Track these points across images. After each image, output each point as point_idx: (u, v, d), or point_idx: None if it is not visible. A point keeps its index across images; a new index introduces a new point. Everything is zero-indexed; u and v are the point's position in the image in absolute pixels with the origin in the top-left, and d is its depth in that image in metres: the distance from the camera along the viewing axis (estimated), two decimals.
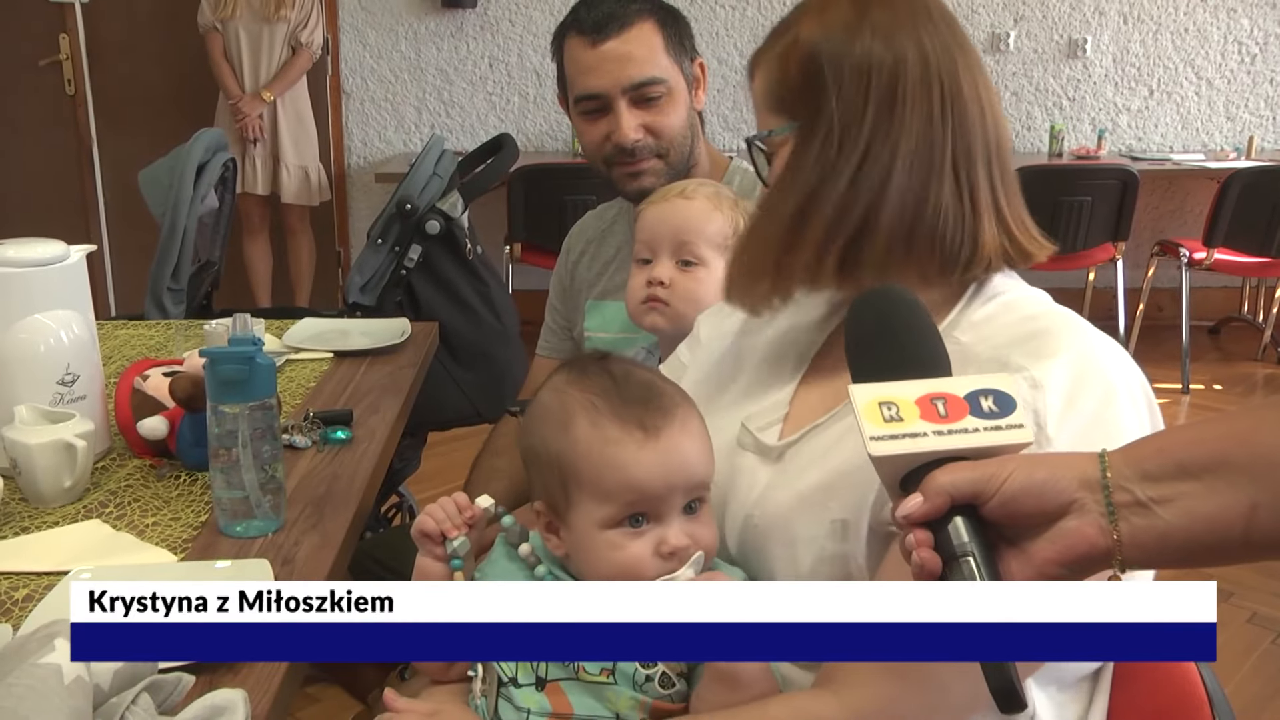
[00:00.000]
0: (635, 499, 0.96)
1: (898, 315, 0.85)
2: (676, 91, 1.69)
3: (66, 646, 0.84)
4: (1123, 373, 0.96)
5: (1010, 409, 0.77)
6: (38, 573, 1.18)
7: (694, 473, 0.99)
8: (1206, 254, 4.64)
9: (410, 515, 2.77)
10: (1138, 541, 0.70)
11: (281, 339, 2.04)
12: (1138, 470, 0.70)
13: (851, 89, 1.01)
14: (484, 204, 2.97)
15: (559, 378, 1.04)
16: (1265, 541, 0.68)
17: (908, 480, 0.77)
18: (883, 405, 0.77)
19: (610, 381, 1.00)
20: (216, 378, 1.24)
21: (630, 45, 1.65)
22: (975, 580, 0.71)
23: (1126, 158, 5.26)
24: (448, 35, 5.43)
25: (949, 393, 0.78)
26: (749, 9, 5.41)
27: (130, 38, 5.26)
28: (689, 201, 1.46)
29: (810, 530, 0.98)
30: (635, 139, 1.66)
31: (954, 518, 0.73)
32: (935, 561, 0.73)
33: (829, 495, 0.98)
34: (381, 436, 1.60)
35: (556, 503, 1.00)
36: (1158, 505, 0.69)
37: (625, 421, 0.97)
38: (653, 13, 1.68)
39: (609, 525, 0.97)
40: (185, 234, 2.57)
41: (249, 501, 1.26)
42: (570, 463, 0.98)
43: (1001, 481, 0.72)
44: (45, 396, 1.42)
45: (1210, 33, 5.45)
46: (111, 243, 5.31)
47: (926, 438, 0.76)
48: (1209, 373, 4.89)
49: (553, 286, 1.90)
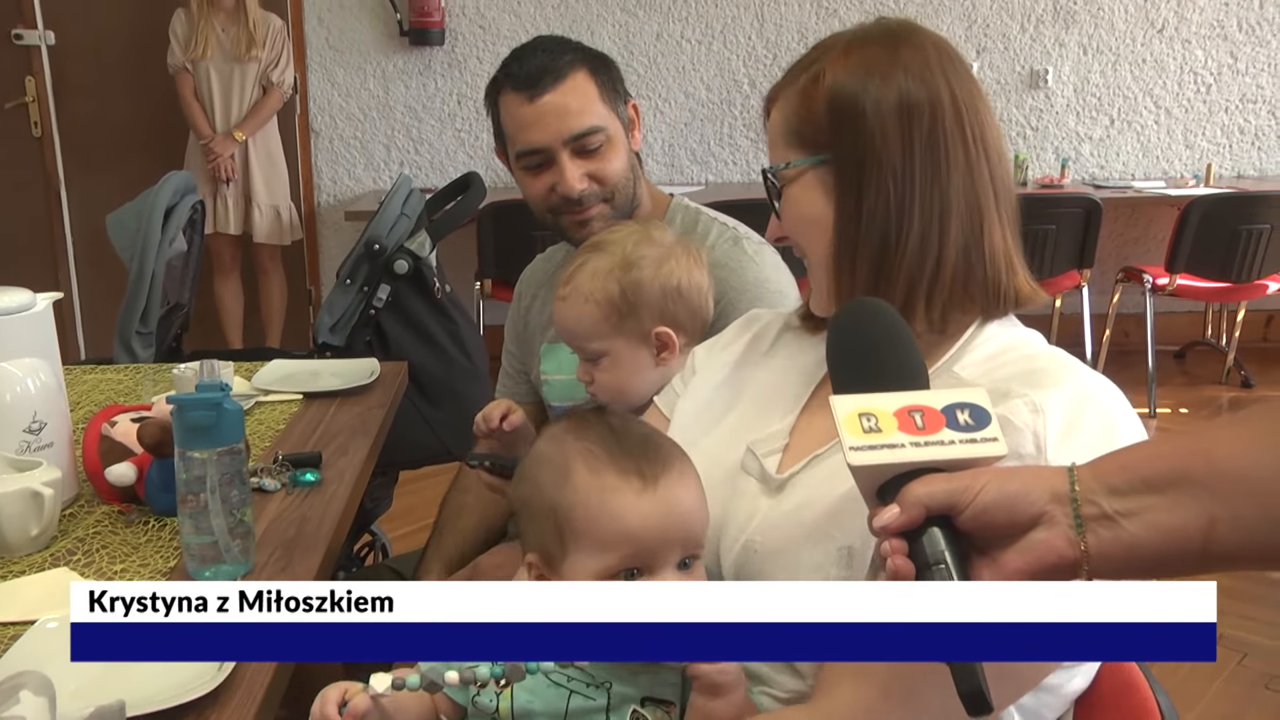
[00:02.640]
0: (632, 552, 0.96)
1: (878, 327, 0.86)
2: (615, 137, 1.70)
3: (31, 698, 0.84)
4: (1120, 406, 0.98)
5: (985, 422, 0.80)
6: (3, 623, 1.17)
7: (691, 525, 0.99)
8: (1169, 280, 4.71)
9: (383, 553, 2.76)
10: (1104, 553, 0.72)
11: (251, 381, 2.04)
12: (1104, 484, 0.72)
13: (894, 128, 1.04)
14: (454, 240, 2.98)
15: (557, 428, 1.05)
16: (1222, 554, 0.70)
17: (885, 490, 0.79)
18: (862, 416, 0.79)
19: (608, 431, 1.02)
20: (184, 423, 1.24)
21: (567, 97, 1.66)
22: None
23: (1089, 185, 5.35)
24: (415, 73, 5.46)
25: (926, 405, 0.80)
26: (714, 44, 5.47)
27: (97, 79, 5.26)
28: (566, 305, 1.49)
29: (816, 558, 0.99)
30: (581, 189, 1.68)
31: (929, 528, 0.75)
32: (909, 568, 0.75)
33: (833, 524, 1.00)
34: (351, 478, 1.60)
35: (550, 553, 1.00)
36: (1123, 518, 0.71)
37: (624, 469, 0.98)
38: (584, 62, 1.69)
39: (602, 578, 0.96)
40: (154, 277, 2.57)
41: (218, 546, 1.25)
42: (567, 511, 0.98)
43: (975, 494, 0.74)
44: (12, 445, 1.42)
45: (1167, 63, 5.55)
46: (80, 285, 5.29)
47: (904, 449, 0.78)
48: (1175, 396, 4.95)
49: (507, 331, 1.91)
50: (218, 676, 1.02)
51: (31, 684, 0.86)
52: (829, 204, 1.07)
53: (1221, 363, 5.25)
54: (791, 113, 1.09)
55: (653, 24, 5.47)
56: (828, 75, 1.06)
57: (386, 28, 5.40)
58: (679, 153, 5.48)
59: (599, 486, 0.98)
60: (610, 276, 1.46)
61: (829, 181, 1.07)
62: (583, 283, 1.47)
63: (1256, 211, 4.60)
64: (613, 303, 1.45)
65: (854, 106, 1.04)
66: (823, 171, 1.07)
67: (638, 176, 1.76)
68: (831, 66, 1.07)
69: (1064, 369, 1.00)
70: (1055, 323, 5.22)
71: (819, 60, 1.09)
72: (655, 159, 5.50)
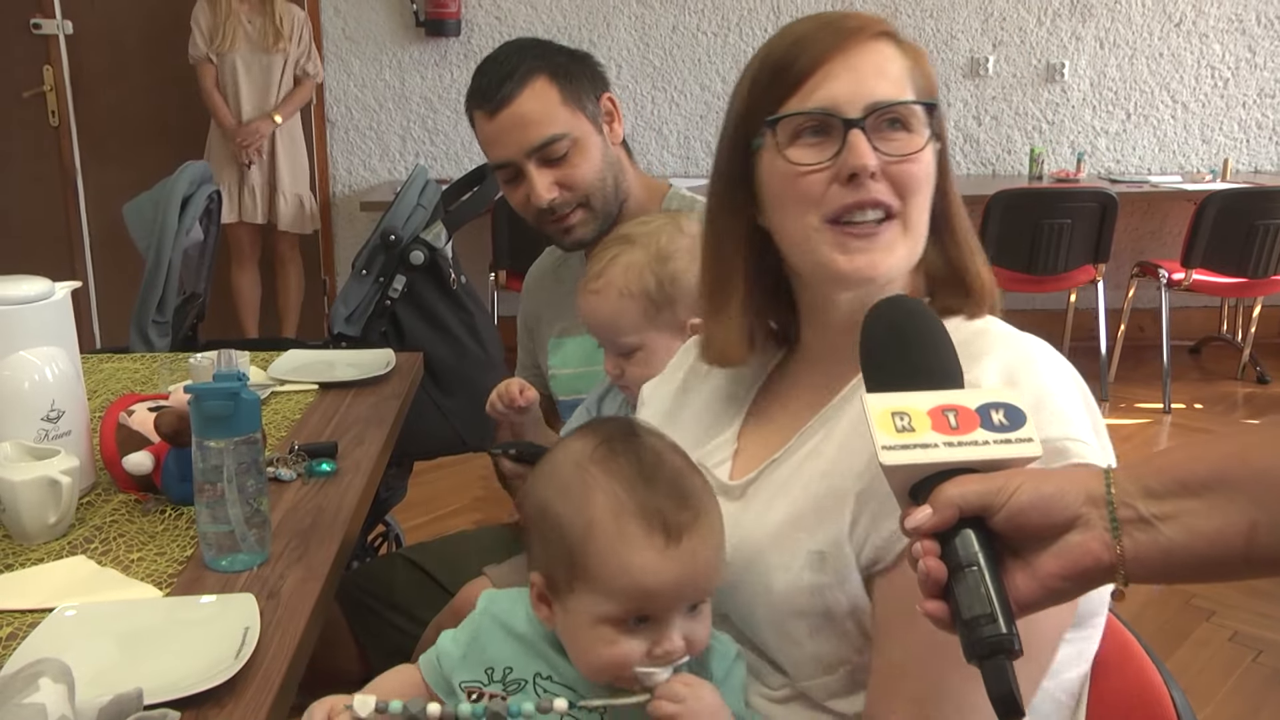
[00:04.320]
0: (642, 604, 0.93)
1: (911, 325, 0.85)
2: (583, 140, 1.69)
3: (51, 685, 0.85)
4: (1055, 366, 0.98)
5: (1020, 423, 0.78)
6: (21, 610, 1.18)
7: (706, 583, 0.96)
8: (1185, 275, 4.69)
9: (397, 543, 2.77)
10: (1140, 557, 0.70)
11: (267, 371, 2.05)
12: (1141, 487, 0.71)
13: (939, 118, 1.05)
14: (468, 232, 2.99)
15: (582, 448, 0.97)
16: (1265, 558, 0.69)
17: (917, 490, 0.77)
18: (895, 415, 0.78)
19: (638, 468, 0.95)
20: (201, 413, 1.25)
21: (525, 108, 1.66)
22: (980, 590, 0.72)
23: (1105, 180, 5.32)
24: (431, 64, 5.47)
25: (961, 405, 0.79)
26: (730, 36, 5.46)
27: (114, 68, 5.27)
28: (599, 298, 1.47)
29: (785, 559, 0.99)
30: (551, 198, 1.68)
31: (962, 529, 0.74)
32: (941, 570, 0.73)
33: (798, 527, 0.99)
34: (366, 468, 1.61)
35: (557, 583, 0.96)
36: (1160, 522, 0.70)
37: (649, 521, 0.92)
38: (543, 68, 1.68)
39: (607, 621, 0.94)
40: (170, 267, 2.57)
41: (234, 535, 1.26)
42: (582, 554, 0.93)
43: (1009, 495, 0.73)
44: (30, 433, 1.43)
45: (1184, 57, 5.52)
46: (96, 274, 5.32)
47: (937, 449, 0.77)
48: (1190, 392, 4.93)
49: (519, 325, 1.92)
50: (234, 665, 1.03)
51: (51, 671, 0.87)
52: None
53: (1237, 358, 5.23)
54: (914, 63, 1.05)
55: (669, 16, 5.46)
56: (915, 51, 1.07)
57: (402, 18, 5.41)
58: (694, 145, 5.47)
59: (620, 536, 0.92)
60: (646, 270, 1.45)
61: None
62: (616, 276, 1.46)
63: (1273, 207, 4.57)
64: (649, 296, 1.44)
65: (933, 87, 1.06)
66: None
67: (620, 170, 1.75)
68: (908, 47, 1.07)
69: (995, 333, 1.01)
70: (1070, 317, 5.20)
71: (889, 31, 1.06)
72: (671, 151, 5.50)
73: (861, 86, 1.01)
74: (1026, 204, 4.61)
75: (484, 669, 1.00)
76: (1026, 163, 5.44)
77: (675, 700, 0.92)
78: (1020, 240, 4.54)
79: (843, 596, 0.96)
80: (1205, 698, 2.58)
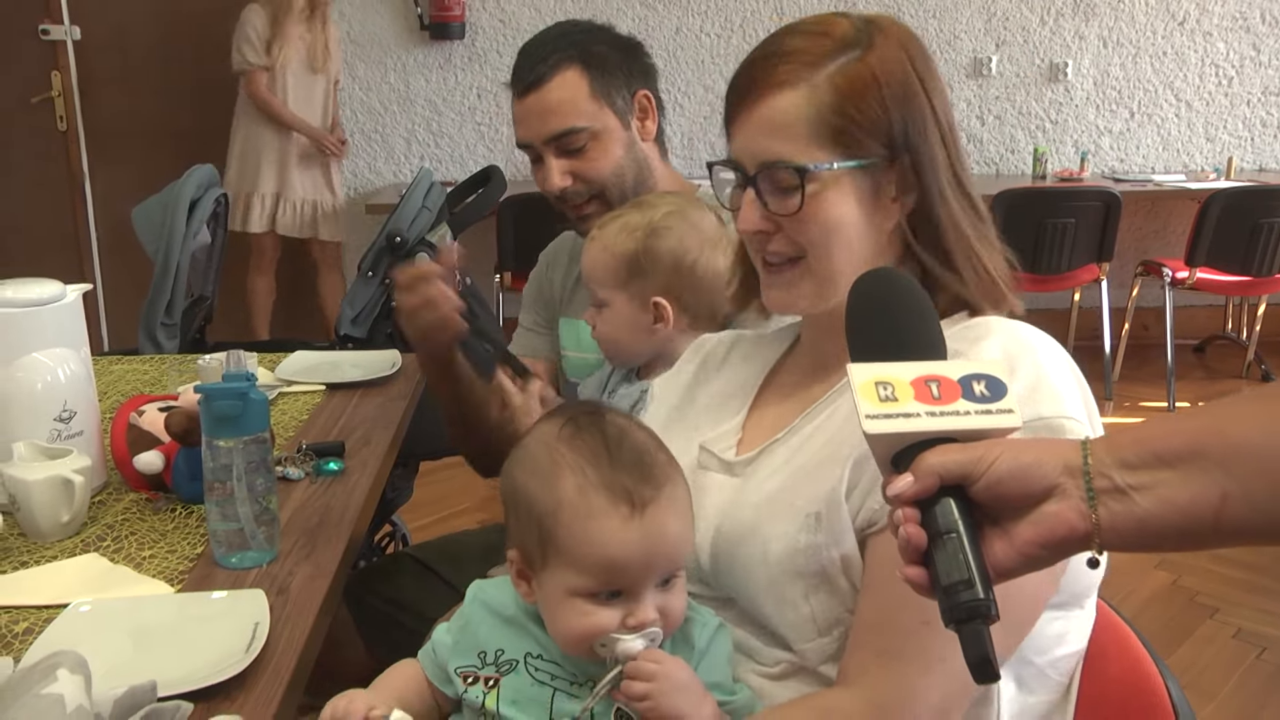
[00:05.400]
0: (612, 577, 0.95)
1: (896, 297, 0.87)
2: (605, 134, 1.70)
3: (68, 676, 0.87)
4: (1052, 350, 1.01)
5: (1001, 394, 0.80)
6: (37, 606, 1.20)
7: (676, 551, 0.98)
8: (1189, 273, 4.70)
9: (403, 543, 2.79)
10: (1115, 526, 0.72)
11: (274, 372, 2.07)
12: (1117, 458, 0.73)
13: (934, 134, 1.05)
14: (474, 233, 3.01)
15: (550, 429, 1.01)
16: (1234, 529, 0.71)
17: (899, 458, 0.79)
18: (879, 385, 0.80)
19: (603, 442, 0.98)
20: (211, 413, 1.27)
21: (551, 96, 1.67)
22: (959, 557, 0.74)
23: (1109, 179, 5.32)
24: (436, 67, 5.49)
25: (943, 375, 0.80)
26: (734, 38, 5.48)
27: (123, 74, 5.30)
28: (593, 245, 1.54)
29: (781, 526, 1.01)
30: (561, 186, 1.70)
31: (942, 498, 0.76)
32: (921, 536, 0.75)
33: (794, 493, 1.02)
34: (373, 468, 1.63)
35: (532, 558, 0.99)
36: (1135, 492, 0.72)
37: (613, 493, 0.95)
38: (576, 59, 1.68)
39: (581, 594, 0.96)
40: (178, 270, 2.60)
41: (244, 533, 1.28)
42: (551, 529, 0.96)
43: (989, 464, 0.75)
44: (43, 433, 1.45)
45: (1188, 56, 5.52)
46: (104, 277, 5.34)
47: (919, 418, 0.78)
48: (1194, 391, 4.94)
49: (526, 292, 1.92)
50: (245, 659, 1.05)
51: (68, 663, 0.89)
52: (861, 210, 1.06)
53: (1241, 357, 5.23)
54: (824, 105, 1.03)
55: (672, 18, 5.48)
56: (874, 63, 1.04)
57: (407, 22, 5.43)
58: (698, 146, 5.49)
59: (585, 509, 0.95)
60: (634, 235, 1.51)
61: (867, 186, 1.05)
62: (610, 232, 1.53)
63: (1278, 205, 4.57)
64: (625, 259, 1.50)
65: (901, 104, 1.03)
66: (865, 174, 1.05)
67: (644, 167, 1.75)
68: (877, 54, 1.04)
69: (996, 321, 1.03)
70: (1074, 316, 5.21)
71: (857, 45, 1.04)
72: (675, 153, 5.50)
73: (754, 144, 1.06)
74: (1030, 203, 4.62)
75: (477, 653, 1.02)
76: (1030, 162, 5.45)
77: (645, 678, 0.94)
78: (1024, 240, 4.53)
79: (837, 554, 0.99)
80: (1208, 695, 2.59)
